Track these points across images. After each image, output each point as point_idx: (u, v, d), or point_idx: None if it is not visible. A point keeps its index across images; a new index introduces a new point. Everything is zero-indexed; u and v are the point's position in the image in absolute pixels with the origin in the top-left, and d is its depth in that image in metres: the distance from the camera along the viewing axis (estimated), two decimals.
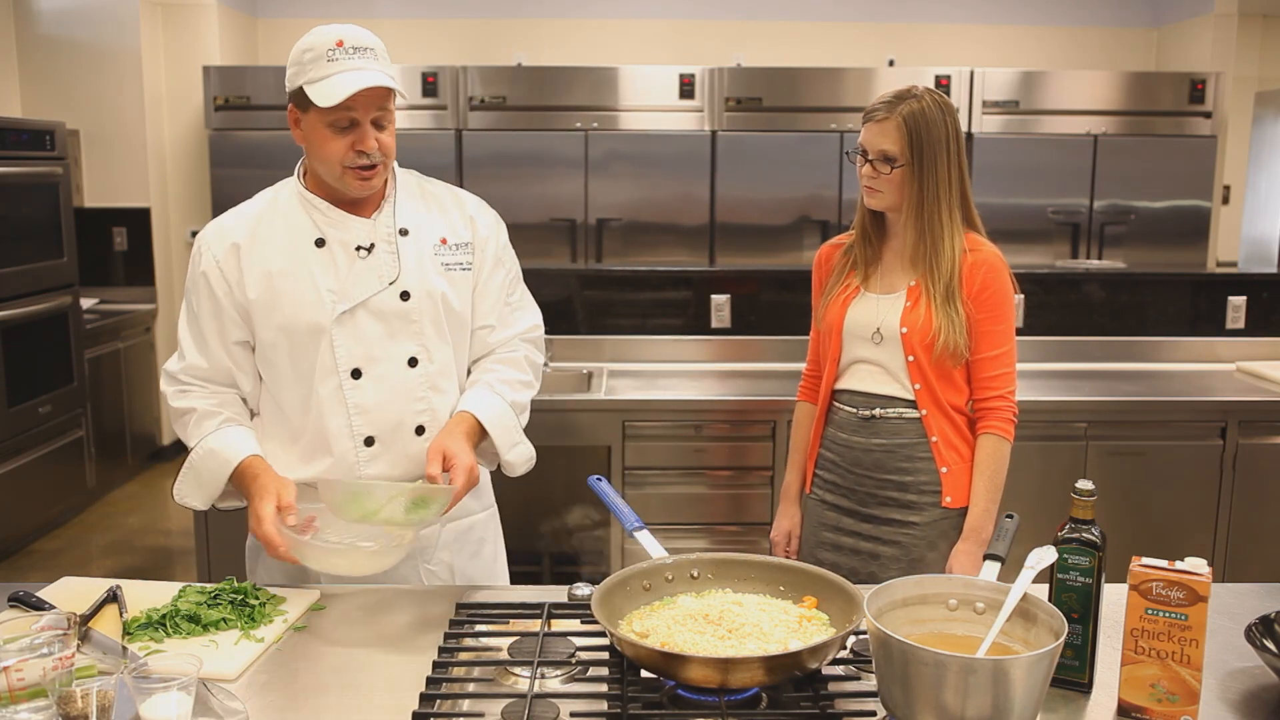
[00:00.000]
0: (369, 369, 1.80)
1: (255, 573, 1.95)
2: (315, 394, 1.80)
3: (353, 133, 1.72)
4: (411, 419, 1.83)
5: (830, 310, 2.17)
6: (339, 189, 1.79)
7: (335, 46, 1.69)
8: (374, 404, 1.81)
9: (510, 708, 1.31)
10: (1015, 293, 2.12)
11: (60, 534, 4.91)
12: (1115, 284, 4.13)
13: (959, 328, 2.03)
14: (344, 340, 1.79)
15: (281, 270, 1.79)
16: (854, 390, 2.14)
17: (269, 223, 1.82)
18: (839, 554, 2.17)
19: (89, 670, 1.30)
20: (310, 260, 1.79)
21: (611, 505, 1.71)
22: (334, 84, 1.67)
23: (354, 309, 1.78)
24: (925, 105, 2.03)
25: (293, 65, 1.73)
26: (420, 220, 1.87)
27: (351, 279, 1.79)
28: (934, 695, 1.18)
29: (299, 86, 1.72)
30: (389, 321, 1.80)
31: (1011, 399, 2.09)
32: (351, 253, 1.80)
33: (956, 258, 2.04)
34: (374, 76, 1.69)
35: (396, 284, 1.81)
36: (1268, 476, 3.50)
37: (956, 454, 2.10)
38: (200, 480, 1.81)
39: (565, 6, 6.33)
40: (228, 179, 5.68)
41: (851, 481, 2.16)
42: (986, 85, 5.76)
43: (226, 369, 1.84)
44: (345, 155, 1.73)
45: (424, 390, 1.84)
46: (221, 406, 1.84)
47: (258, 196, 1.89)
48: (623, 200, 5.74)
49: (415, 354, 1.83)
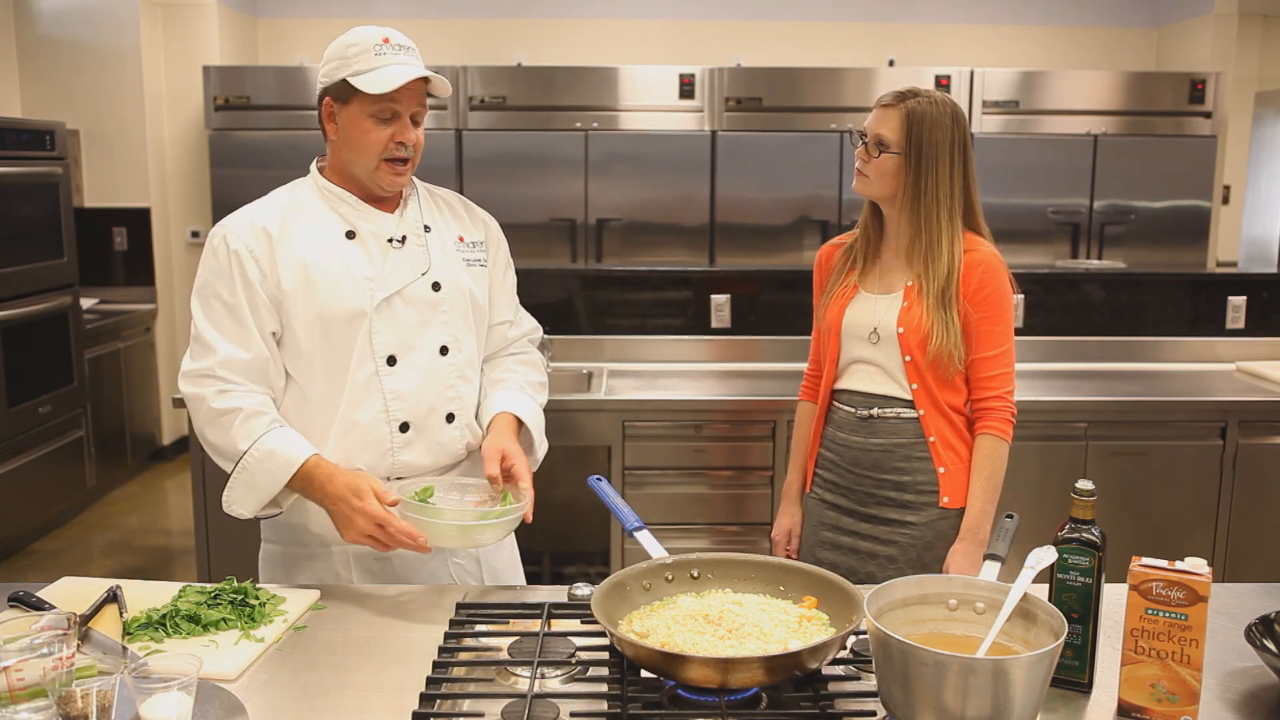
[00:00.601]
0: (404, 356, 1.84)
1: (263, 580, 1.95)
2: (350, 381, 1.81)
3: (393, 124, 1.79)
4: (443, 406, 1.87)
5: (829, 310, 2.18)
6: (368, 183, 1.83)
7: (381, 43, 1.78)
8: (409, 390, 1.84)
9: (510, 708, 1.31)
10: (1015, 293, 2.12)
11: (60, 534, 4.91)
12: (1115, 284, 4.13)
13: (954, 333, 2.03)
14: (381, 327, 1.82)
15: (316, 260, 1.80)
16: (852, 390, 2.15)
17: (295, 215, 1.84)
18: (838, 553, 2.17)
19: (89, 670, 1.30)
20: (343, 251, 1.82)
21: (611, 505, 1.71)
22: (384, 74, 1.75)
23: (391, 297, 1.82)
24: (933, 106, 2.04)
25: (334, 60, 1.79)
26: (437, 219, 1.94)
27: (388, 268, 1.83)
28: (934, 695, 1.18)
29: (341, 79, 1.77)
30: (422, 310, 1.85)
31: (1010, 399, 2.09)
32: (384, 244, 1.85)
33: (955, 262, 2.04)
34: (421, 69, 1.79)
35: (428, 275, 1.86)
36: (1268, 476, 3.50)
37: (954, 454, 2.10)
38: (254, 484, 1.75)
39: (565, 6, 6.32)
40: (228, 179, 5.68)
41: (850, 481, 2.16)
42: (986, 85, 5.76)
43: (265, 361, 1.80)
44: (385, 147, 1.79)
45: (453, 379, 1.89)
46: (266, 406, 1.80)
47: (273, 194, 1.90)
48: (623, 200, 5.73)
49: (446, 343, 1.88)
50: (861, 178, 2.10)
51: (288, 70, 5.73)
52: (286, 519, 1.89)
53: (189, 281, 6.11)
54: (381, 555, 1.87)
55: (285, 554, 1.93)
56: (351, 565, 1.90)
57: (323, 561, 1.90)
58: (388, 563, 1.89)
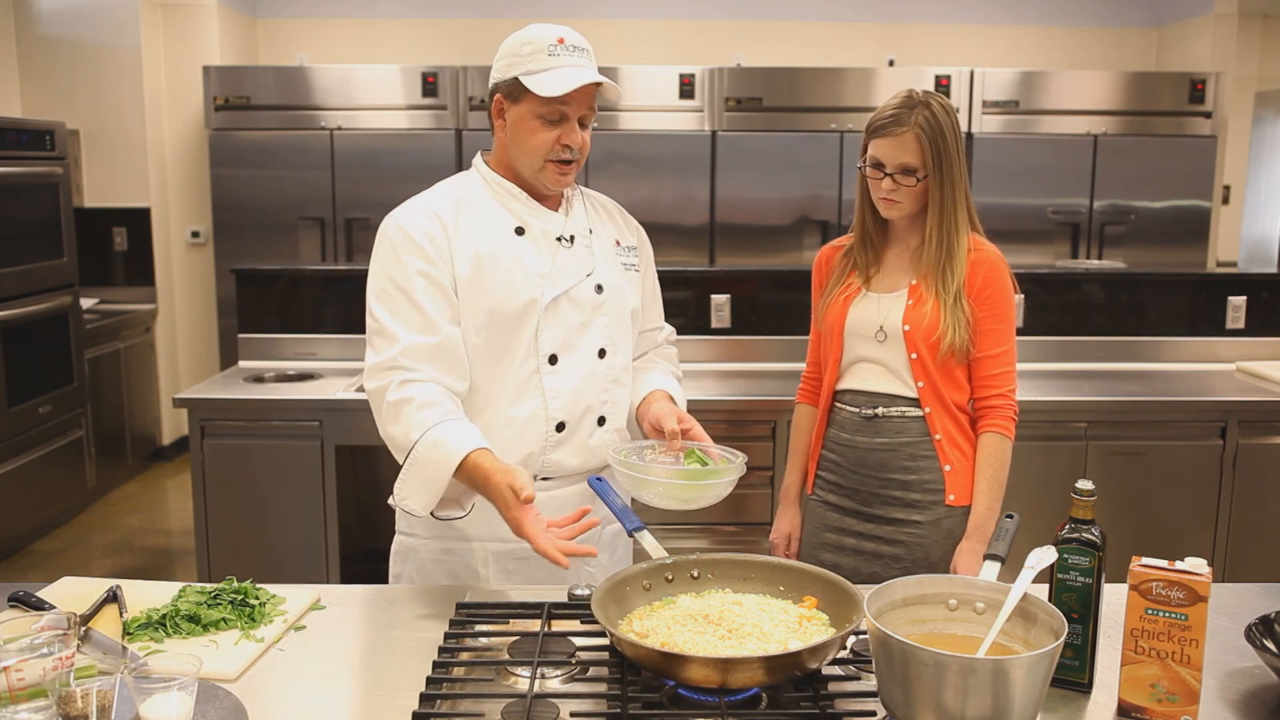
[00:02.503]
0: (565, 356, 1.83)
1: (402, 577, 1.92)
2: (512, 378, 1.80)
3: (560, 127, 1.77)
4: (598, 408, 1.87)
5: (831, 310, 2.17)
6: (534, 182, 1.83)
7: (556, 43, 1.76)
8: (568, 390, 1.83)
9: (510, 708, 1.31)
10: (1015, 292, 2.13)
11: (60, 534, 4.91)
12: (1115, 284, 4.13)
13: (963, 327, 2.04)
14: (548, 325, 1.81)
15: (491, 253, 1.79)
16: (856, 390, 2.15)
17: (467, 206, 1.83)
18: (840, 554, 2.17)
19: (89, 670, 1.30)
20: (515, 246, 1.81)
21: (611, 505, 1.71)
22: (557, 76, 1.73)
23: (558, 296, 1.81)
24: (935, 112, 2.02)
25: (508, 57, 1.78)
26: (597, 222, 1.94)
27: (558, 267, 1.83)
28: (934, 695, 1.18)
29: (513, 77, 1.75)
30: (585, 312, 1.85)
31: (1012, 397, 2.10)
32: (553, 242, 1.84)
33: (965, 259, 2.06)
34: (594, 74, 1.77)
35: (593, 276, 1.86)
36: (1268, 476, 3.50)
37: (959, 452, 2.10)
38: (425, 475, 1.68)
39: (565, 7, 6.32)
40: (228, 179, 5.68)
41: (855, 482, 2.16)
42: (986, 85, 5.76)
43: (453, 345, 1.76)
44: (551, 149, 1.77)
45: (608, 382, 1.89)
46: (442, 398, 1.73)
47: (438, 186, 1.88)
48: (622, 200, 5.65)
49: (605, 345, 1.88)
50: (894, 204, 2.06)
51: (288, 70, 5.72)
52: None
53: (189, 281, 6.13)
54: (521, 556, 1.84)
55: (421, 546, 1.89)
56: (490, 563, 1.87)
57: (461, 558, 1.87)
58: (525, 564, 1.86)
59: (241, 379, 3.76)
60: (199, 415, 3.46)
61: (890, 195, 2.05)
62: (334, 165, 5.66)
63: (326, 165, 5.65)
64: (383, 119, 5.68)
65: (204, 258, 6.10)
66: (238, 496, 3.49)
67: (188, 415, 3.49)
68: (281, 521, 3.52)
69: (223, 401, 3.48)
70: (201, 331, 6.18)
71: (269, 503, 3.50)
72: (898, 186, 2.04)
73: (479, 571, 1.87)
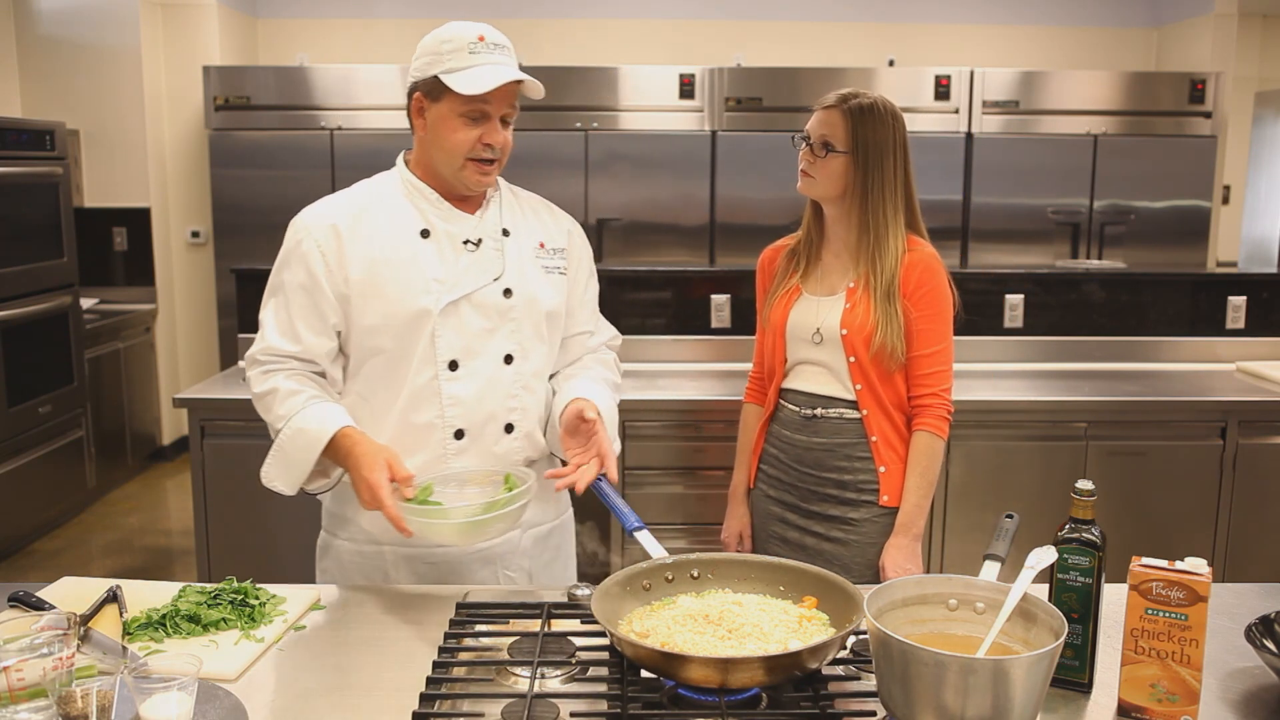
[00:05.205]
0: (466, 362, 1.81)
1: (326, 572, 1.94)
2: (409, 384, 1.80)
3: (482, 125, 1.76)
4: (503, 415, 1.85)
5: (774, 312, 2.21)
6: (454, 183, 1.81)
7: (476, 41, 1.74)
8: (468, 397, 1.81)
9: (510, 708, 1.31)
10: (954, 296, 2.15)
11: (60, 534, 4.91)
12: (1115, 284, 4.13)
13: (896, 328, 2.06)
14: (445, 331, 1.79)
15: (387, 258, 1.79)
16: (798, 390, 2.19)
17: (372, 210, 1.82)
18: (787, 548, 2.21)
19: (89, 670, 1.30)
20: (416, 249, 1.80)
21: (611, 505, 1.71)
22: (477, 74, 1.72)
23: (458, 301, 1.80)
24: (872, 104, 2.08)
25: (427, 55, 1.76)
26: (519, 223, 1.90)
27: (459, 271, 1.81)
28: (934, 695, 1.18)
29: (433, 75, 1.74)
30: (490, 317, 1.82)
31: (946, 396, 2.12)
32: (459, 245, 1.82)
33: (899, 257, 2.08)
34: (515, 72, 1.76)
35: (501, 280, 1.83)
36: (1268, 476, 3.50)
37: (895, 454, 2.14)
38: (288, 460, 1.75)
39: (565, 6, 6.32)
40: (228, 179, 5.68)
41: (793, 478, 2.20)
42: (986, 85, 5.76)
43: (312, 356, 1.80)
44: (472, 147, 1.77)
45: (517, 388, 1.85)
46: (305, 384, 1.79)
47: (357, 185, 1.89)
48: (623, 200, 5.73)
49: (512, 351, 1.85)
50: (807, 179, 2.12)
51: (288, 70, 5.72)
52: (340, 510, 1.88)
53: (189, 281, 6.13)
54: (432, 560, 1.86)
55: (336, 545, 1.91)
56: (401, 566, 1.87)
57: (372, 560, 1.88)
58: (436, 568, 1.87)
59: (241, 379, 3.74)
60: (199, 415, 3.45)
61: (806, 167, 2.11)
62: (334, 165, 5.66)
63: (326, 165, 5.65)
64: (383, 119, 5.67)
65: (204, 258, 6.10)
66: (238, 496, 3.48)
67: (188, 415, 3.49)
68: (281, 521, 3.51)
69: (223, 401, 3.47)
70: (201, 331, 6.18)
71: (269, 503, 3.47)
72: (813, 159, 2.09)
73: (389, 574, 1.88)
